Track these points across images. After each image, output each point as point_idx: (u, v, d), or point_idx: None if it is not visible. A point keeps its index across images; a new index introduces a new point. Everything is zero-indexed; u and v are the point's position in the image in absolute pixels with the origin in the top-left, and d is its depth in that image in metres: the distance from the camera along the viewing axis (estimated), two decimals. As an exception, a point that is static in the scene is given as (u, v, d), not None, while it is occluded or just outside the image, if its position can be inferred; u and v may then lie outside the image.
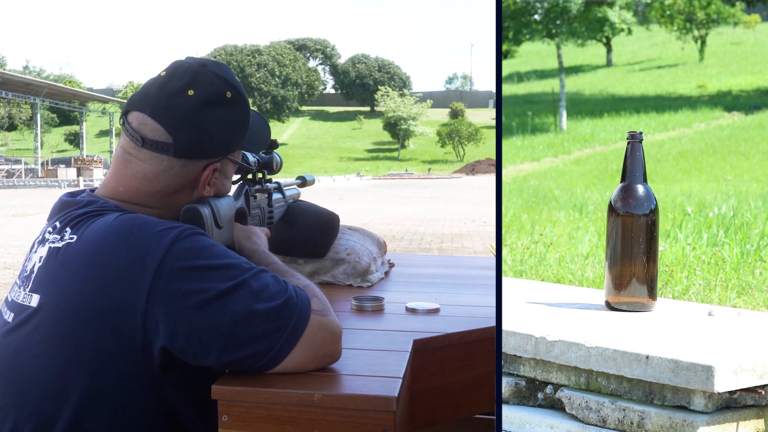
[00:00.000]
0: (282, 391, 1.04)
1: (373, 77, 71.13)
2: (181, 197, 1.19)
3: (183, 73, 1.16)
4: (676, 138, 16.05)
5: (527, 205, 6.59)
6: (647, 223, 2.03)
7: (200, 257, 1.06)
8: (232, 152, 1.22)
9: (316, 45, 75.53)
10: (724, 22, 32.38)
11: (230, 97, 1.18)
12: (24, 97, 40.84)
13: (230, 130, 1.19)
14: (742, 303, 2.55)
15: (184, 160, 1.15)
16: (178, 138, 1.14)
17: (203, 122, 1.15)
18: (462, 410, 1.41)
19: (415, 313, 1.53)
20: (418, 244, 10.02)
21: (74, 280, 1.05)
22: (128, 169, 1.16)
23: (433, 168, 50.29)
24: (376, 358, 1.22)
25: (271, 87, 62.82)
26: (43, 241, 1.13)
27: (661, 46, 35.59)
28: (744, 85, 23.65)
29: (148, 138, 1.14)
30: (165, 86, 1.15)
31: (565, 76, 21.79)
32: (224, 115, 1.17)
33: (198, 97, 1.15)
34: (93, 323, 1.03)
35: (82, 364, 1.04)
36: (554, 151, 15.56)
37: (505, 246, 3.93)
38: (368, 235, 2.01)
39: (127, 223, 1.08)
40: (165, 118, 1.14)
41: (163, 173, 1.15)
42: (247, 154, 1.45)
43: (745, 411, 1.69)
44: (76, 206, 1.15)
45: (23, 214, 15.76)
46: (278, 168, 1.60)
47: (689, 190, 7.90)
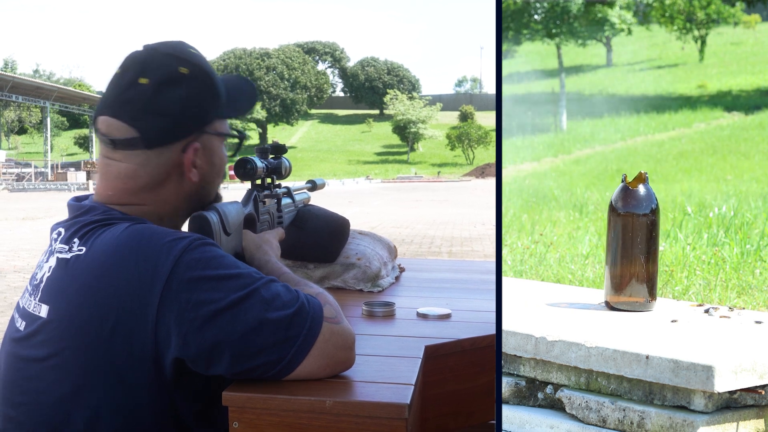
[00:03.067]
0: (293, 397, 1.04)
1: (382, 80, 71.03)
2: (171, 187, 1.16)
3: (133, 63, 1.14)
4: (676, 138, 16.04)
5: (527, 205, 6.58)
6: (647, 223, 2.03)
7: (210, 267, 1.05)
8: (206, 125, 1.16)
9: (325, 48, 75.43)
10: (724, 22, 32.36)
11: (186, 72, 1.14)
12: (34, 100, 40.90)
13: (194, 105, 1.14)
14: (742, 303, 2.55)
15: (158, 149, 1.13)
16: (143, 129, 1.12)
17: (162, 106, 1.12)
18: (474, 417, 1.40)
19: (426, 319, 1.53)
20: (427, 247, 9.98)
21: (85, 292, 1.05)
22: (110, 172, 1.15)
23: (443, 171, 50.15)
24: (388, 364, 1.21)
25: (280, 90, 62.75)
26: (52, 250, 1.13)
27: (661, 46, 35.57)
28: (744, 85, 23.63)
29: (116, 139, 1.13)
30: (119, 82, 1.13)
31: (565, 76, 21.78)
32: (183, 93, 1.13)
33: (152, 83, 1.12)
34: (104, 335, 1.03)
35: (94, 374, 1.04)
36: (554, 151, 15.55)
37: (505, 246, 3.93)
38: (378, 239, 2.01)
39: (136, 235, 1.07)
40: (125, 114, 1.12)
41: (142, 168, 1.13)
42: (254, 159, 1.43)
43: (745, 411, 1.69)
44: (81, 211, 1.14)
45: (33, 217, 15.75)
46: (287, 173, 1.59)
47: (689, 190, 7.90)
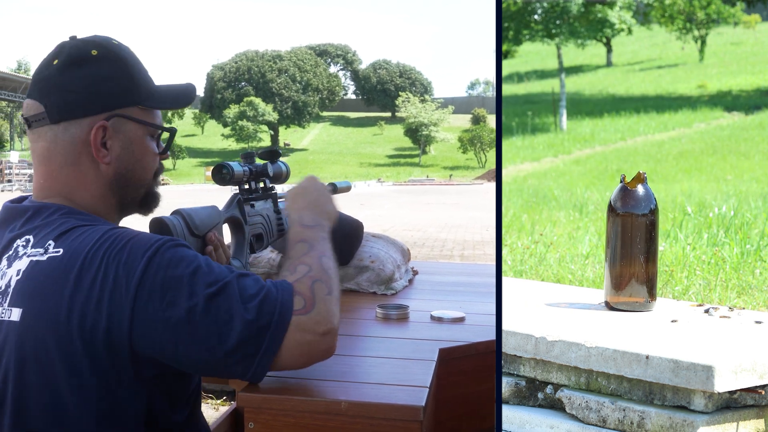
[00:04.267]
0: (309, 399, 1.05)
1: (394, 83, 71.08)
2: (87, 170, 1.16)
3: (55, 49, 1.18)
4: (676, 138, 16.04)
5: (527, 205, 6.59)
6: (647, 223, 2.03)
7: (181, 266, 1.06)
8: (117, 108, 1.17)
9: (337, 50, 75.47)
10: (724, 22, 32.38)
11: (96, 54, 1.16)
12: None
13: (100, 84, 1.15)
14: (742, 303, 2.55)
15: (64, 124, 1.15)
16: (48, 105, 1.14)
17: (68, 83, 1.14)
18: (487, 420, 1.40)
19: (440, 322, 1.54)
20: (439, 250, 9.96)
21: (62, 293, 1.05)
22: (34, 157, 1.18)
23: (455, 174, 50.08)
24: (402, 367, 1.22)
25: (292, 92, 62.80)
26: (16, 255, 1.11)
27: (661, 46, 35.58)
28: (744, 85, 23.63)
29: (28, 117, 1.16)
30: (38, 68, 1.18)
31: (565, 76, 21.79)
32: (90, 72, 1.15)
33: (60, 62, 1.15)
34: (84, 336, 1.03)
35: (73, 374, 1.04)
36: (554, 151, 15.55)
37: (506, 246, 3.93)
38: (392, 242, 2.01)
39: (114, 237, 1.08)
40: (36, 92, 1.16)
41: (53, 145, 1.15)
42: (231, 164, 1.42)
43: (745, 411, 1.70)
44: (23, 212, 1.14)
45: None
46: (285, 177, 1.59)
47: (689, 190, 7.90)
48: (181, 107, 1.28)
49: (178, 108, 1.26)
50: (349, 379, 1.14)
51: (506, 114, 20.61)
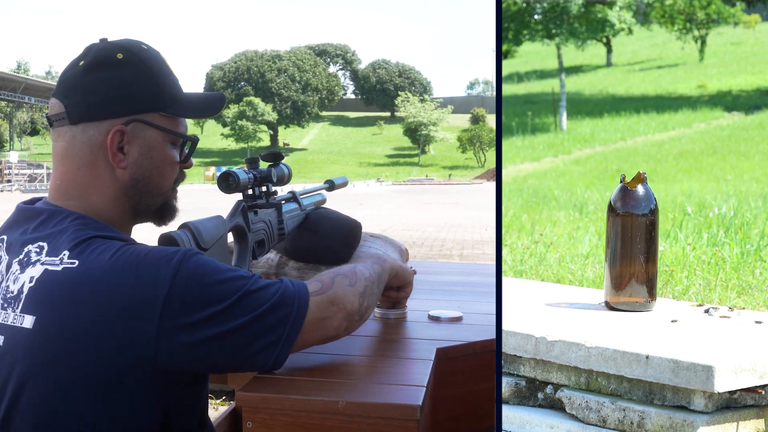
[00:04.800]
0: (306, 398, 1.05)
1: (393, 82, 71.14)
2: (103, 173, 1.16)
3: (83, 51, 1.18)
4: (676, 138, 16.05)
5: (527, 205, 6.59)
6: (646, 223, 2.03)
7: (207, 274, 1.07)
8: (138, 114, 1.16)
9: (336, 50, 75.53)
10: (724, 22, 32.39)
11: (121, 58, 1.16)
12: (47, 102, 40.64)
13: (122, 87, 1.15)
14: (742, 303, 2.55)
15: (83, 126, 1.14)
16: (69, 105, 1.15)
17: (90, 84, 1.14)
18: (485, 419, 1.40)
19: (437, 322, 1.54)
20: (438, 250, 9.95)
21: (81, 305, 1.04)
22: (54, 157, 1.19)
23: (454, 174, 50.08)
24: (400, 366, 1.23)
25: (291, 92, 62.86)
26: (29, 261, 1.11)
27: (661, 46, 35.60)
28: (744, 85, 23.64)
29: (50, 116, 1.17)
30: (65, 68, 1.19)
31: (565, 76, 21.79)
32: (112, 75, 1.15)
33: (85, 64, 1.16)
34: (100, 350, 1.03)
35: (88, 385, 1.03)
36: (554, 151, 15.56)
37: (506, 246, 3.93)
38: (390, 242, 2.01)
39: (134, 251, 1.08)
40: (60, 92, 1.16)
41: (71, 146, 1.15)
42: (237, 171, 1.42)
43: (745, 411, 1.69)
44: (36, 215, 1.14)
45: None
46: (287, 179, 1.59)
47: (689, 190, 7.90)
48: (206, 117, 1.28)
49: (204, 117, 1.26)
50: (347, 378, 1.15)
51: (506, 114, 20.62)
